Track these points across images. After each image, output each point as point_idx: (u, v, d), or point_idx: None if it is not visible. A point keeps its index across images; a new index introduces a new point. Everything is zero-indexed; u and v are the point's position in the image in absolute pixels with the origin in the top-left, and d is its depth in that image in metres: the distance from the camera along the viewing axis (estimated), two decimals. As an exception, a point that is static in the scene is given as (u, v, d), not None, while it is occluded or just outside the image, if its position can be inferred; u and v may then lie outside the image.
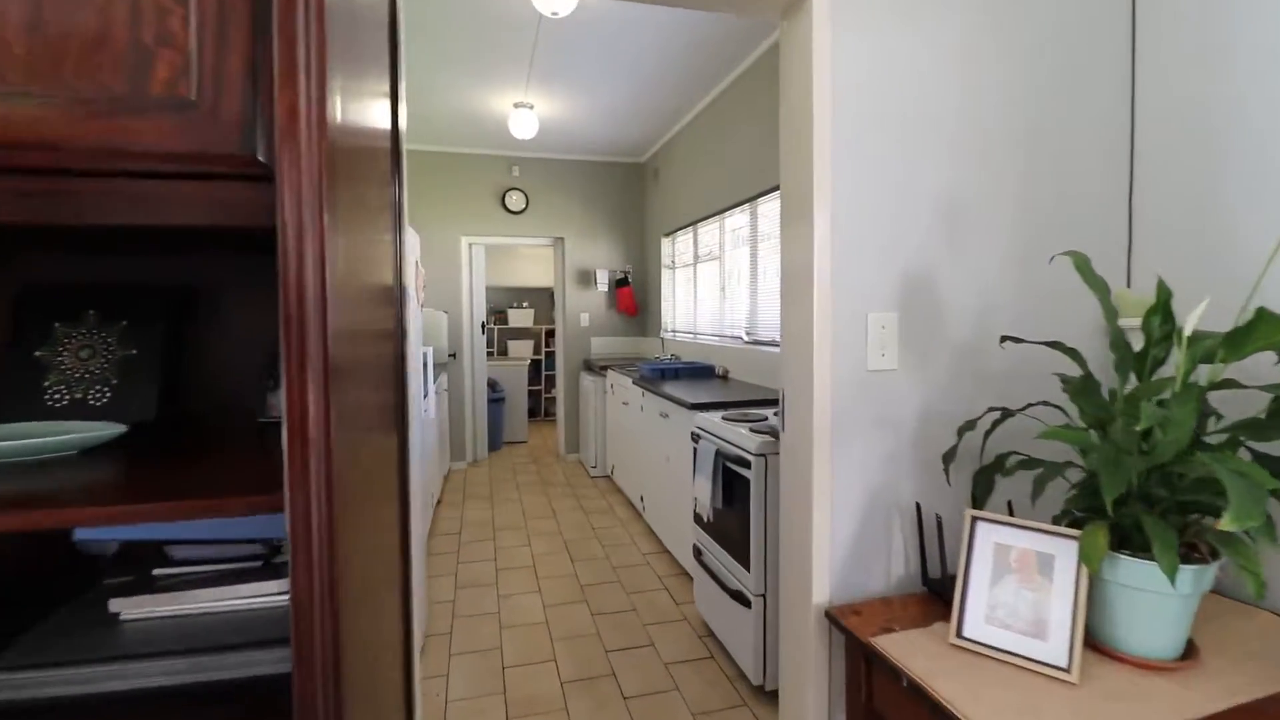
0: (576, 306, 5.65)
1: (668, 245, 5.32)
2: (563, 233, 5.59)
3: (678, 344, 5.00)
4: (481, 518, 4.20)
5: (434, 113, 4.45)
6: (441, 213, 5.32)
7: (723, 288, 4.22)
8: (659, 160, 5.31)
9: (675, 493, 3.25)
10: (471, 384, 5.60)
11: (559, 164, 5.55)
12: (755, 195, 3.60)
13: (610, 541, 3.74)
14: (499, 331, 7.77)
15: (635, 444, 4.16)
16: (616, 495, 4.67)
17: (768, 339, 3.55)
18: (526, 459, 5.88)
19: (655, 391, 3.49)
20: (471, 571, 3.32)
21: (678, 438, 3.19)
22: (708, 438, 2.50)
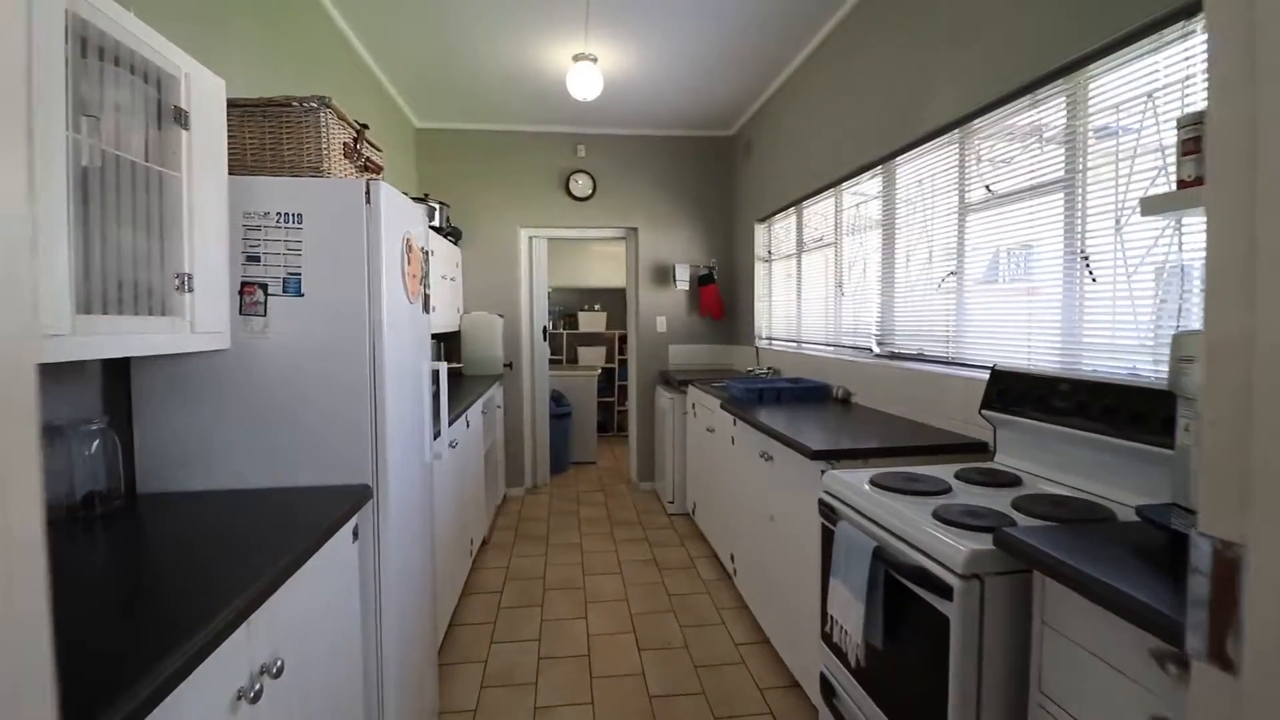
0: (652, 309, 4.79)
1: (762, 233, 4.35)
2: (635, 222, 4.74)
3: (776, 355, 4.02)
4: (531, 569, 3.40)
5: (479, 80, 3.72)
6: (495, 201, 4.61)
7: (839, 283, 3.22)
8: (752, 130, 4.36)
9: (782, 566, 2.30)
10: (531, 398, 4.86)
11: (631, 141, 4.71)
12: (895, 151, 2.59)
13: (691, 618, 2.83)
14: (568, 337, 7.05)
15: (724, 486, 3.23)
16: (699, 543, 3.75)
17: (912, 352, 2.53)
18: (593, 485, 5.08)
19: (753, 422, 2.55)
20: (506, 659, 2.51)
21: (789, 492, 2.24)
22: (854, 519, 1.55)
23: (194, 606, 0.90)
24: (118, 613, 0.91)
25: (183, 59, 1.24)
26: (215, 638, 0.85)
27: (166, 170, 1.20)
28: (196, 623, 0.85)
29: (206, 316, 1.32)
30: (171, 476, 1.49)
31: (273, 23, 2.45)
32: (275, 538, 1.18)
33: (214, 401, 1.49)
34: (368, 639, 1.56)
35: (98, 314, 1.03)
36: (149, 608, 0.92)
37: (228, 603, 0.91)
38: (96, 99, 1.05)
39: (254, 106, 1.53)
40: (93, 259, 1.02)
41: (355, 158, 1.70)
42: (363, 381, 1.53)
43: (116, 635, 0.84)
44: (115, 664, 0.75)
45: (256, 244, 1.48)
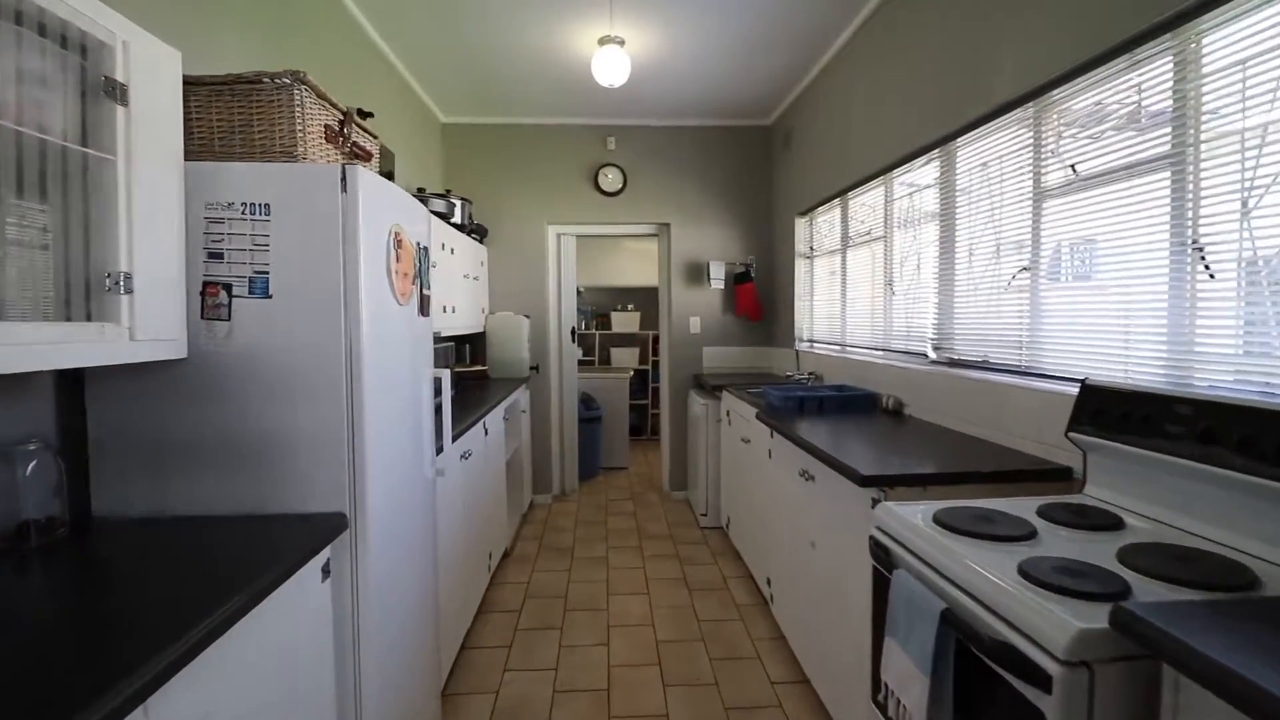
0: (685, 308, 4.54)
1: (803, 227, 4.06)
2: (667, 217, 4.50)
3: (818, 359, 3.72)
4: (553, 585, 3.20)
5: (502, 71, 3.53)
6: (522, 197, 4.43)
7: (889, 281, 2.92)
8: (791, 118, 4.06)
9: (825, 599, 2.04)
10: (559, 401, 4.67)
11: (663, 132, 4.46)
12: (953, 132, 2.28)
13: (723, 649, 2.58)
14: (600, 338, 6.85)
15: (760, 502, 2.97)
16: (733, 562, 3.49)
17: (975, 359, 2.22)
18: (624, 493, 4.86)
19: (792, 437, 2.28)
20: (518, 691, 2.30)
21: (832, 519, 1.98)
22: (915, 568, 1.29)
23: (76, 686, 0.71)
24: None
25: (119, 24, 1.06)
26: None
27: (93, 152, 1.02)
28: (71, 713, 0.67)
29: (151, 322, 1.14)
30: (128, 501, 1.33)
31: (288, 17, 2.32)
32: (216, 583, 0.99)
33: (173, 419, 1.32)
34: (344, 685, 1.37)
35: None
36: (14, 684, 0.74)
37: (115, 686, 0.72)
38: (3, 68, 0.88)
39: (221, 84, 1.35)
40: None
41: (340, 142, 1.51)
42: (338, 395, 1.34)
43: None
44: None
45: (220, 238, 1.30)
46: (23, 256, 0.91)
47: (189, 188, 1.27)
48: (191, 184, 1.28)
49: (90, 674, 0.75)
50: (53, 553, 1.13)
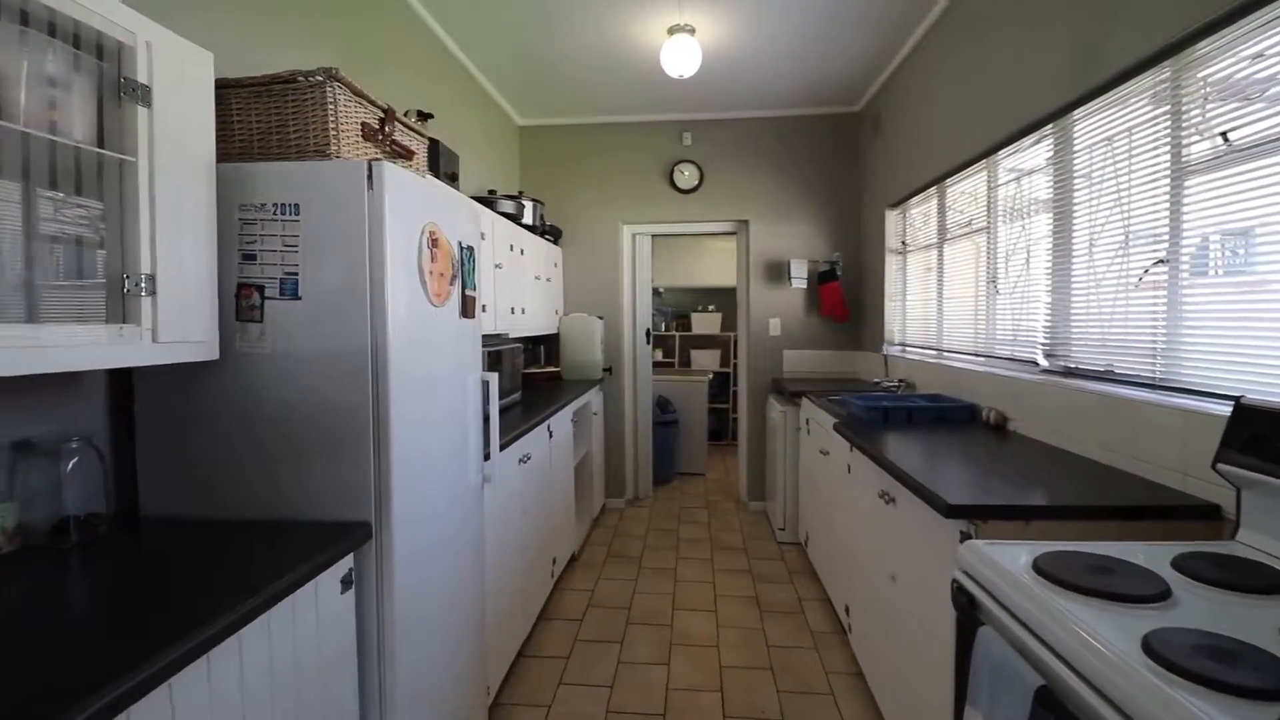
0: (764, 309, 4.31)
1: (895, 220, 3.73)
2: (746, 214, 4.29)
3: (910, 365, 3.39)
4: (617, 596, 3.10)
5: (573, 70, 3.48)
6: (597, 198, 4.38)
7: (992, 278, 2.58)
8: (882, 103, 3.74)
9: (907, 640, 1.80)
10: (633, 404, 4.58)
11: (741, 125, 4.26)
12: (1068, 104, 1.95)
13: (793, 681, 2.37)
14: (680, 340, 6.71)
15: (838, 521, 2.72)
16: (810, 583, 3.24)
17: (1097, 368, 1.89)
18: (699, 500, 4.69)
19: (869, 452, 2.04)
20: (571, 709, 2.21)
21: (915, 550, 1.74)
22: (1006, 627, 1.06)
23: (56, 690, 0.67)
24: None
25: (142, 25, 1.05)
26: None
27: (111, 153, 1.02)
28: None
29: (176, 324, 1.14)
30: (168, 502, 1.34)
31: (365, 29, 2.38)
32: (228, 587, 0.95)
33: (208, 420, 1.32)
34: (369, 695, 1.33)
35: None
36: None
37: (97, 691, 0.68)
38: (17, 70, 0.88)
39: (260, 85, 1.35)
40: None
41: (379, 140, 1.47)
42: (362, 399, 1.29)
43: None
44: None
45: (252, 240, 1.29)
46: (45, 256, 0.91)
47: (223, 190, 1.27)
48: (225, 186, 1.27)
49: (74, 674, 0.71)
50: (88, 550, 1.15)
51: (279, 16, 1.89)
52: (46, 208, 0.99)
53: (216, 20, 1.61)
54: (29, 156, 0.91)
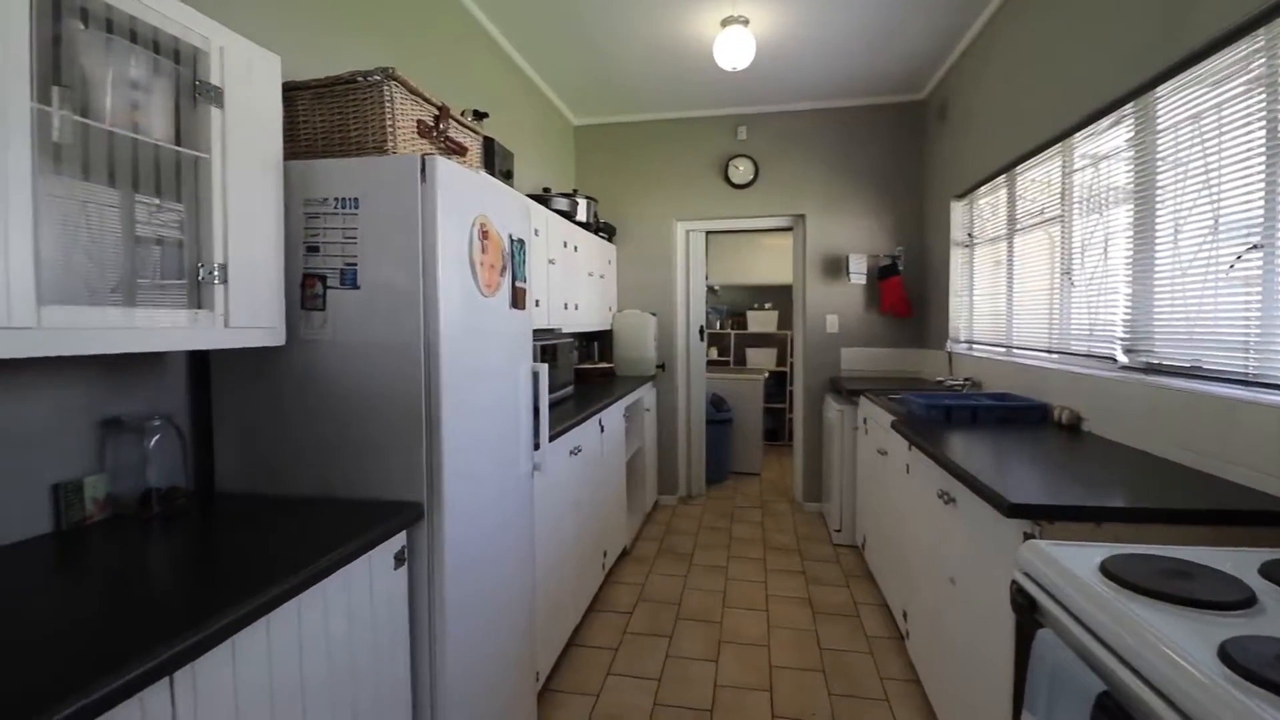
0: (821, 306, 4.21)
1: (962, 212, 3.57)
2: (803, 208, 4.20)
3: (977, 363, 3.24)
4: (668, 591, 3.10)
5: (626, 66, 3.50)
6: (650, 195, 4.39)
7: (1067, 270, 2.43)
8: (948, 88, 3.59)
9: (966, 646, 1.72)
10: (686, 401, 4.57)
11: (798, 117, 4.17)
12: (1150, 80, 1.81)
13: (846, 685, 2.30)
14: (735, 338, 6.64)
15: (897, 524, 2.63)
16: (866, 586, 3.14)
17: (1182, 364, 1.75)
18: (752, 500, 4.63)
19: (927, 450, 1.96)
20: (618, 699, 2.23)
21: (975, 553, 1.66)
22: (1066, 628, 1.00)
23: (114, 649, 0.73)
24: (35, 639, 0.77)
25: (214, 30, 1.13)
26: (101, 703, 0.67)
27: (187, 151, 1.10)
28: (98, 671, 0.69)
29: (246, 311, 1.22)
30: (241, 478, 1.44)
31: (425, 33, 2.48)
32: (285, 558, 1.01)
33: (275, 401, 1.41)
34: (420, 669, 1.38)
35: (81, 305, 0.93)
36: (75, 637, 0.77)
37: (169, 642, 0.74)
38: (104, 75, 0.96)
39: (323, 87, 1.42)
40: (80, 247, 0.92)
41: (434, 137, 1.53)
42: (415, 384, 1.34)
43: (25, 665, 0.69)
44: None
45: (316, 232, 1.37)
46: (137, 250, 0.99)
47: (291, 185, 1.35)
48: (293, 182, 1.35)
49: (140, 630, 0.77)
50: (169, 520, 1.24)
51: (341, 21, 1.98)
52: (141, 212, 1.08)
53: (283, 25, 1.71)
54: (114, 154, 0.99)
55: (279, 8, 1.69)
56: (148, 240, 1.07)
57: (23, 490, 1.12)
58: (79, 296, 0.95)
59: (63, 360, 1.16)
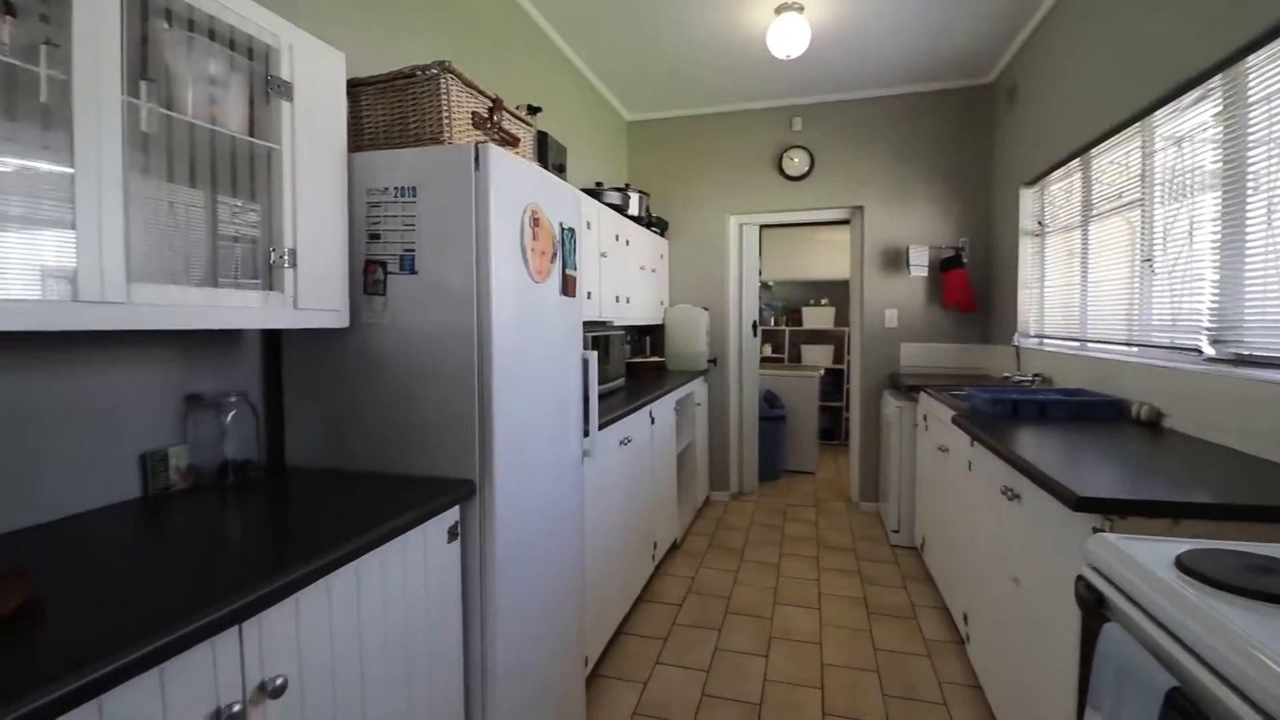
0: (880, 300, 4.09)
1: (1031, 199, 3.39)
2: (861, 199, 4.09)
3: (1048, 358, 3.08)
4: (717, 585, 3.08)
5: (678, 59, 3.49)
6: (703, 189, 4.37)
7: (1147, 257, 2.28)
8: (1017, 71, 3.42)
9: (1029, 650, 1.64)
10: (739, 397, 4.52)
11: (855, 106, 4.07)
12: (1240, 49, 1.68)
13: (901, 687, 2.24)
14: (790, 334, 6.53)
15: (957, 523, 2.54)
16: (925, 589, 3.04)
17: (1275, 355, 1.61)
18: (806, 499, 4.54)
19: (989, 444, 1.88)
20: (667, 686, 2.23)
21: (1040, 550, 1.58)
22: (1135, 622, 0.94)
23: (192, 600, 0.80)
24: (127, 589, 0.84)
25: (284, 29, 1.21)
26: (178, 644, 0.73)
27: (260, 142, 1.17)
28: (177, 618, 0.75)
29: (313, 293, 1.29)
30: (308, 453, 1.52)
31: (482, 33, 2.55)
32: (344, 527, 1.07)
33: (339, 382, 1.48)
34: (471, 642, 1.42)
35: (164, 284, 1.01)
36: (160, 589, 0.84)
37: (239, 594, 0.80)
38: (185, 71, 1.04)
39: (384, 82, 1.49)
40: (165, 229, 1.00)
41: (488, 128, 1.57)
42: (468, 365, 1.38)
43: (103, 611, 0.75)
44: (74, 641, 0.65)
45: (377, 220, 1.43)
46: (213, 234, 1.07)
47: (354, 176, 1.42)
48: (356, 172, 1.42)
49: (208, 591, 0.83)
50: (243, 490, 1.33)
51: (399, 19, 2.07)
52: (224, 212, 1.17)
53: (345, 24, 1.80)
54: (195, 144, 1.07)
55: (342, 7, 1.78)
56: (227, 230, 1.15)
57: (116, 458, 1.22)
58: (164, 276, 1.03)
59: (150, 338, 1.26)
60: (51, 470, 1.11)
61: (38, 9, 0.87)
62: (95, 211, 0.88)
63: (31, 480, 1.08)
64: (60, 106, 0.85)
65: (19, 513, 1.07)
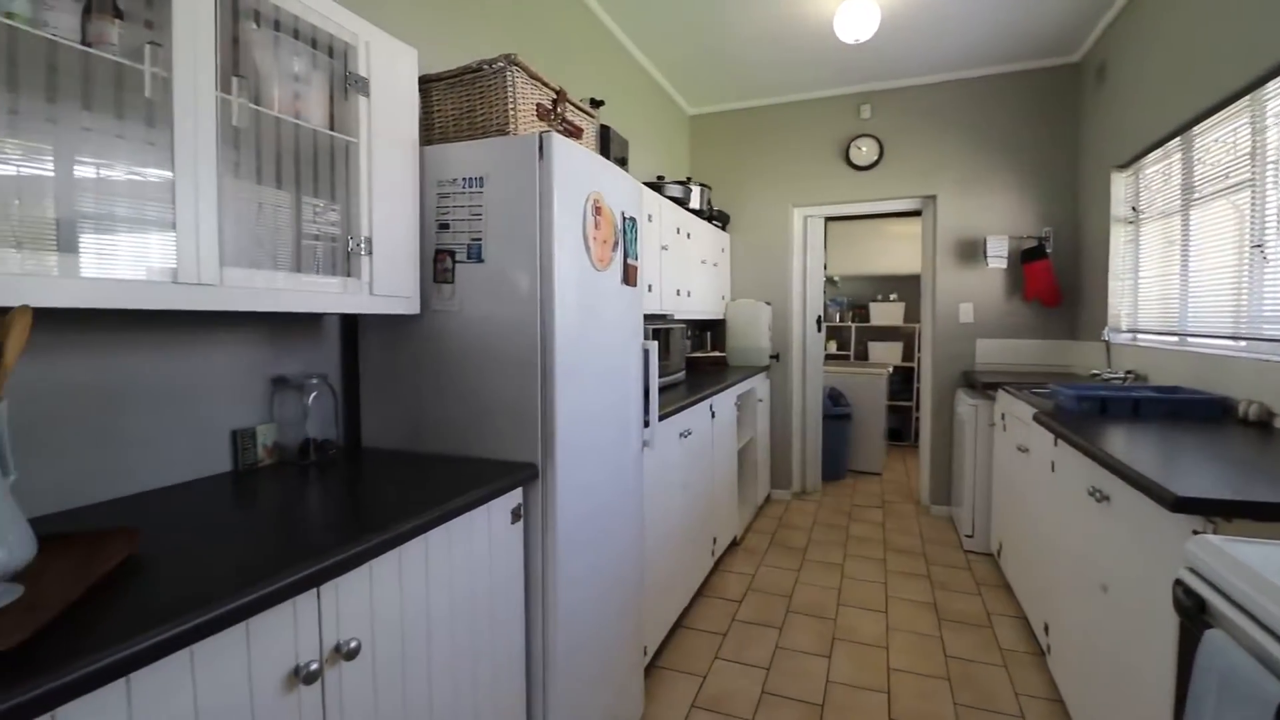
0: (953, 293, 3.91)
1: (1124, 184, 3.16)
2: (933, 188, 3.92)
3: (1143, 354, 2.86)
4: (778, 583, 3.02)
5: (740, 50, 3.45)
6: (766, 181, 4.30)
7: (1258, 242, 2.08)
8: (1108, 47, 3.19)
9: (1117, 664, 1.53)
10: (801, 394, 4.43)
11: (928, 91, 3.90)
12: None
13: (975, 697, 2.13)
14: (856, 331, 6.34)
15: (1038, 528, 2.40)
16: (1002, 596, 2.88)
17: None
18: (873, 500, 4.40)
19: (1076, 442, 1.76)
20: (726, 681, 2.21)
21: (1132, 555, 1.47)
22: (1241, 629, 0.86)
23: (276, 562, 0.85)
24: (220, 551, 0.90)
25: (362, 27, 1.26)
26: (262, 601, 0.78)
27: (340, 135, 1.23)
28: (263, 577, 0.80)
29: (388, 280, 1.35)
30: (382, 435, 1.59)
31: (546, 30, 2.61)
32: (414, 503, 1.11)
33: (410, 367, 1.54)
34: (533, 625, 1.45)
35: (252, 269, 1.07)
36: (249, 552, 0.90)
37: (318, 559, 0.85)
38: (272, 68, 1.11)
39: (453, 78, 1.54)
40: (253, 218, 1.07)
41: (552, 119, 1.60)
42: (532, 351, 1.41)
43: (184, 572, 0.81)
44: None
45: (446, 211, 1.48)
46: (275, 219, 1.14)
47: (425, 168, 1.47)
48: (427, 164, 1.48)
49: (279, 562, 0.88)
50: (322, 467, 1.40)
51: (466, 18, 2.13)
52: (307, 211, 1.24)
53: (416, 21, 1.87)
54: (280, 139, 1.14)
55: (413, 6, 1.85)
56: (309, 227, 1.22)
57: (210, 434, 1.31)
58: (253, 263, 1.10)
59: (241, 322, 1.35)
60: (155, 442, 1.21)
61: (143, 14, 0.94)
62: (193, 201, 0.95)
63: (139, 450, 1.18)
64: (162, 102, 0.92)
65: (126, 480, 1.16)
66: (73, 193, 0.93)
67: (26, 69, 0.86)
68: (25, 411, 1.01)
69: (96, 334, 1.10)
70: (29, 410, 1.01)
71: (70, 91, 0.91)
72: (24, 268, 0.80)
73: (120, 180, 0.97)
